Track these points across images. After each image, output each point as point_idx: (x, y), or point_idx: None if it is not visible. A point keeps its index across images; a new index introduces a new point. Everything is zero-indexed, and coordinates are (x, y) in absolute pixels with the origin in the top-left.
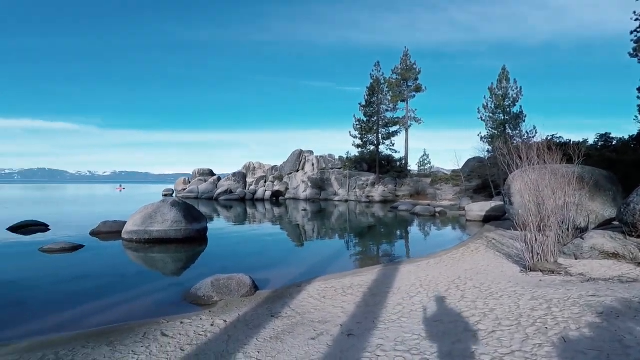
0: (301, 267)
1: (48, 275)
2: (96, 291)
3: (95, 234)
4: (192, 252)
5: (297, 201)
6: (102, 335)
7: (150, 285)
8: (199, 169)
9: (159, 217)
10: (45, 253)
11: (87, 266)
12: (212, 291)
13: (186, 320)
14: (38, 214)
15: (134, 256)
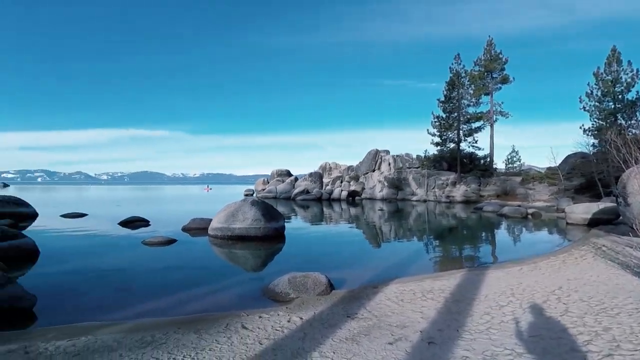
0: (377, 267)
1: (148, 265)
2: (186, 281)
3: (186, 229)
4: (270, 249)
5: (374, 201)
6: (191, 323)
7: (232, 279)
8: (277, 169)
9: (240, 215)
10: (146, 245)
11: (179, 259)
12: (289, 288)
13: (264, 315)
14: (141, 211)
15: (218, 251)
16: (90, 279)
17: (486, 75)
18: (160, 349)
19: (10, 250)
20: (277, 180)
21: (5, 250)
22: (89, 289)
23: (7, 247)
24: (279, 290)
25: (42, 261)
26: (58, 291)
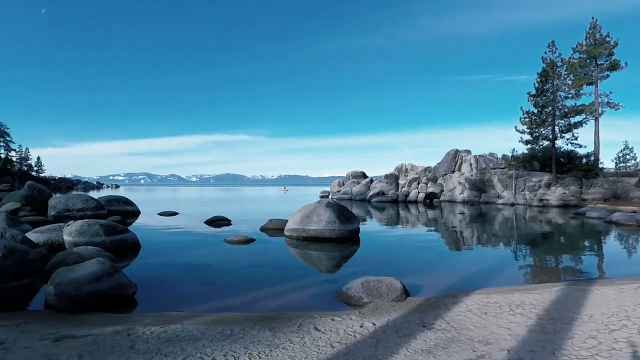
0: (457, 275)
1: (229, 262)
2: (263, 280)
3: (264, 229)
4: (344, 251)
5: (453, 204)
6: (266, 321)
7: (306, 280)
8: (352, 171)
9: (315, 217)
10: (227, 243)
11: (257, 257)
12: (362, 292)
13: (337, 318)
14: (224, 211)
15: (294, 251)
16: (180, 272)
17: (589, 63)
18: (237, 343)
19: (119, 243)
20: (352, 182)
21: (115, 243)
22: (179, 281)
23: (117, 240)
24: (351, 293)
25: (142, 254)
26: (154, 282)
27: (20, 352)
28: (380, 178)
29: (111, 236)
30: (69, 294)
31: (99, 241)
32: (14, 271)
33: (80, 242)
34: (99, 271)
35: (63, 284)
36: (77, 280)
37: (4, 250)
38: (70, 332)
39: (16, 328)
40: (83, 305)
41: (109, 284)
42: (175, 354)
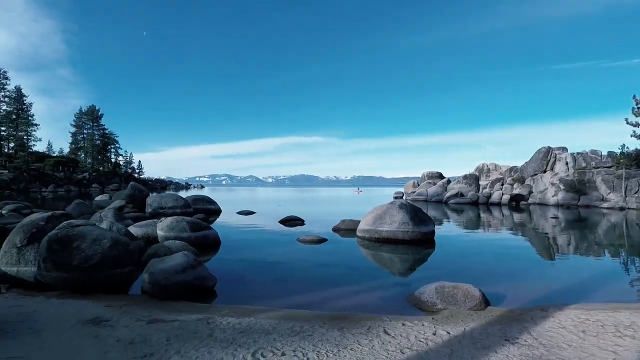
0: (547, 287)
1: (302, 261)
2: (333, 279)
3: (336, 230)
4: (418, 254)
5: (545, 207)
6: (335, 320)
7: (377, 282)
8: (428, 172)
9: (387, 218)
10: (301, 243)
11: (329, 257)
12: (436, 298)
13: (408, 323)
14: (298, 211)
15: (366, 253)
16: (255, 269)
17: None
18: (307, 340)
19: (202, 239)
20: (427, 183)
21: (199, 239)
22: (254, 277)
23: (201, 236)
24: (424, 298)
25: (222, 250)
26: (232, 276)
27: (121, 330)
28: (458, 179)
29: (196, 232)
30: (160, 282)
31: (186, 237)
32: (118, 260)
33: (170, 236)
34: (185, 264)
35: (155, 273)
36: (166, 271)
37: (111, 241)
38: (161, 317)
39: (119, 309)
40: (171, 293)
41: (192, 276)
42: (249, 345)
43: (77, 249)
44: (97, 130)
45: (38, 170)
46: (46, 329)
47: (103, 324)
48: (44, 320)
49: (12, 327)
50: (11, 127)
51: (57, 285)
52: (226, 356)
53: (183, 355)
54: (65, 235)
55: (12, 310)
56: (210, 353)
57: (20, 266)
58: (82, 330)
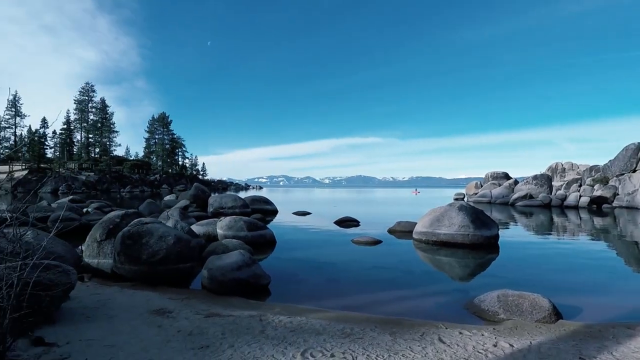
0: (634, 302)
1: (355, 262)
2: (387, 282)
3: (392, 231)
4: (479, 259)
5: (634, 211)
6: (387, 324)
7: (433, 286)
8: (492, 172)
9: (445, 220)
10: (355, 244)
11: (383, 259)
12: (498, 307)
13: (465, 331)
14: (353, 212)
15: (422, 256)
16: (308, 268)
17: None
18: (356, 342)
19: (258, 238)
20: (491, 184)
21: (255, 238)
22: (307, 276)
23: (257, 235)
24: (485, 307)
25: (277, 249)
26: (285, 275)
27: (182, 321)
28: (527, 179)
29: (252, 232)
30: (217, 278)
31: (243, 235)
32: (180, 255)
33: (228, 235)
34: (240, 262)
35: (213, 269)
36: (223, 268)
37: (175, 238)
38: (218, 311)
39: (181, 302)
40: (227, 289)
41: (247, 274)
42: (299, 344)
43: (145, 244)
44: (167, 135)
45: (117, 172)
46: (118, 315)
47: (166, 315)
48: (117, 308)
49: (92, 312)
50: (97, 134)
51: (129, 276)
52: (276, 353)
53: (236, 349)
54: (136, 231)
55: (92, 298)
56: (261, 349)
57: (99, 258)
58: (148, 319)
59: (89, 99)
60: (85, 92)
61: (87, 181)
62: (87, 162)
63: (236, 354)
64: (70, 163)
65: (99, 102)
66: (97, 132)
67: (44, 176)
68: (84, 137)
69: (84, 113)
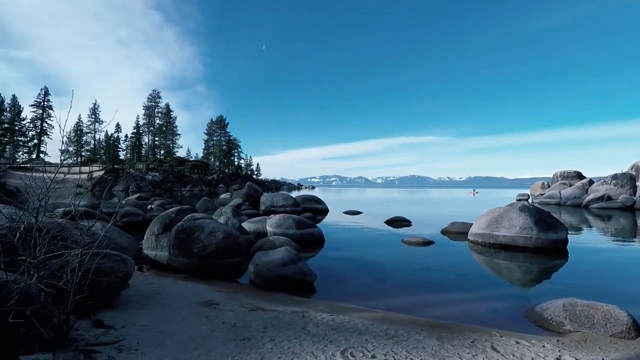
0: None
1: (404, 262)
2: (437, 284)
3: (445, 232)
4: (543, 264)
5: None
6: (434, 328)
7: (488, 291)
8: (562, 171)
9: (505, 221)
10: (405, 244)
11: (434, 260)
12: (564, 317)
13: (523, 341)
14: (405, 212)
15: (478, 258)
16: (355, 267)
17: None
18: (400, 345)
19: (307, 236)
20: (561, 184)
21: (304, 236)
22: (353, 275)
23: (306, 233)
24: (547, 315)
25: (326, 247)
26: (332, 273)
27: (227, 313)
28: (604, 179)
29: (301, 229)
30: (263, 273)
31: (291, 233)
32: (229, 250)
33: (277, 232)
34: (286, 258)
35: (259, 265)
36: (268, 264)
37: (224, 233)
38: (262, 306)
39: (228, 295)
40: (272, 284)
41: (292, 270)
42: (339, 343)
43: (197, 239)
44: (224, 137)
45: (179, 172)
46: (170, 304)
47: (213, 306)
48: (170, 298)
49: (147, 300)
50: (162, 137)
51: (182, 268)
52: (316, 350)
53: (276, 343)
54: (189, 226)
55: (148, 287)
56: (301, 345)
57: (157, 250)
58: (197, 309)
59: (155, 105)
60: (153, 98)
61: (153, 180)
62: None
63: (276, 347)
64: (139, 164)
65: (164, 108)
66: (162, 135)
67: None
68: (151, 139)
69: (151, 118)
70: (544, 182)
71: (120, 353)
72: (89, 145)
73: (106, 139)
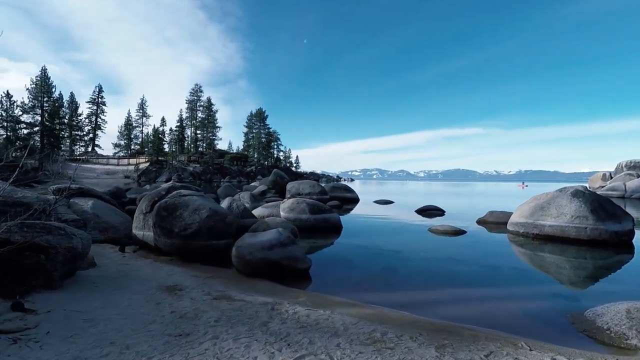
0: None
1: (426, 252)
2: (459, 278)
3: (481, 222)
4: (600, 260)
5: None
6: (438, 332)
7: (524, 289)
8: (628, 161)
9: (553, 209)
10: (432, 233)
11: (463, 251)
12: (627, 326)
13: (561, 357)
14: (441, 202)
15: (517, 251)
16: (367, 255)
17: None
18: (382, 354)
19: (322, 222)
20: (626, 175)
21: (319, 222)
22: (362, 264)
23: (320, 219)
24: (602, 323)
25: (343, 234)
26: (337, 261)
27: (185, 301)
28: None
29: (315, 214)
30: (244, 257)
31: (305, 218)
32: (213, 231)
33: (290, 217)
34: (274, 240)
35: (242, 247)
36: (251, 246)
37: (209, 211)
38: (230, 294)
39: (202, 280)
40: (255, 270)
41: (279, 254)
42: (298, 347)
43: (179, 217)
44: (263, 129)
45: (219, 164)
46: (128, 287)
47: (175, 292)
48: (134, 280)
49: (107, 282)
50: (203, 130)
51: (165, 249)
52: (262, 355)
53: (218, 342)
54: (172, 203)
55: (118, 268)
56: (248, 347)
57: (145, 230)
58: (153, 295)
59: (197, 99)
60: (195, 92)
61: (194, 172)
62: (194, 155)
63: (213, 349)
64: (181, 156)
65: (205, 101)
66: (204, 128)
67: (161, 167)
68: (193, 132)
69: (193, 111)
70: (605, 173)
71: (12, 345)
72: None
73: (153, 132)
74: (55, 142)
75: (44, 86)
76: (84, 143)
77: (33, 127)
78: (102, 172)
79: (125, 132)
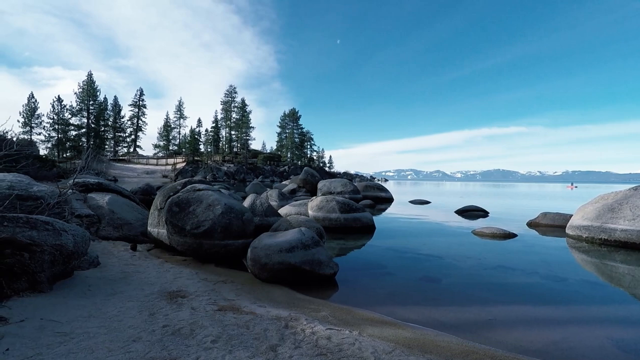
0: None
1: (470, 258)
2: (517, 290)
3: (533, 225)
4: None
5: None
6: (440, 352)
7: (606, 309)
8: None
9: (626, 210)
10: (476, 236)
11: (516, 258)
12: None
13: None
14: (483, 203)
15: (581, 259)
16: (402, 260)
17: None
18: None
19: (352, 221)
20: None
21: (349, 221)
22: (396, 270)
23: (351, 218)
24: None
25: (375, 235)
26: (368, 266)
27: (184, 312)
28: None
29: (345, 214)
30: (259, 260)
31: (334, 217)
32: (229, 229)
33: (318, 216)
34: (294, 241)
35: (258, 248)
36: (268, 247)
37: (224, 207)
38: (239, 304)
39: (211, 286)
40: (272, 275)
41: (300, 257)
42: None
43: (191, 213)
44: (296, 129)
45: (252, 164)
46: (123, 292)
47: (176, 300)
48: (134, 284)
49: (103, 285)
50: (238, 130)
51: (179, 248)
52: None
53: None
54: (185, 198)
55: (122, 269)
56: None
57: (159, 227)
58: (150, 303)
59: (232, 100)
60: (229, 93)
61: (228, 171)
62: (229, 155)
63: None
64: (216, 156)
65: (239, 102)
66: (238, 129)
67: (197, 167)
68: (228, 133)
69: (227, 112)
70: None
71: None
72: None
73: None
74: (100, 142)
75: (90, 90)
76: (126, 144)
77: (80, 129)
78: (142, 172)
79: (164, 133)
